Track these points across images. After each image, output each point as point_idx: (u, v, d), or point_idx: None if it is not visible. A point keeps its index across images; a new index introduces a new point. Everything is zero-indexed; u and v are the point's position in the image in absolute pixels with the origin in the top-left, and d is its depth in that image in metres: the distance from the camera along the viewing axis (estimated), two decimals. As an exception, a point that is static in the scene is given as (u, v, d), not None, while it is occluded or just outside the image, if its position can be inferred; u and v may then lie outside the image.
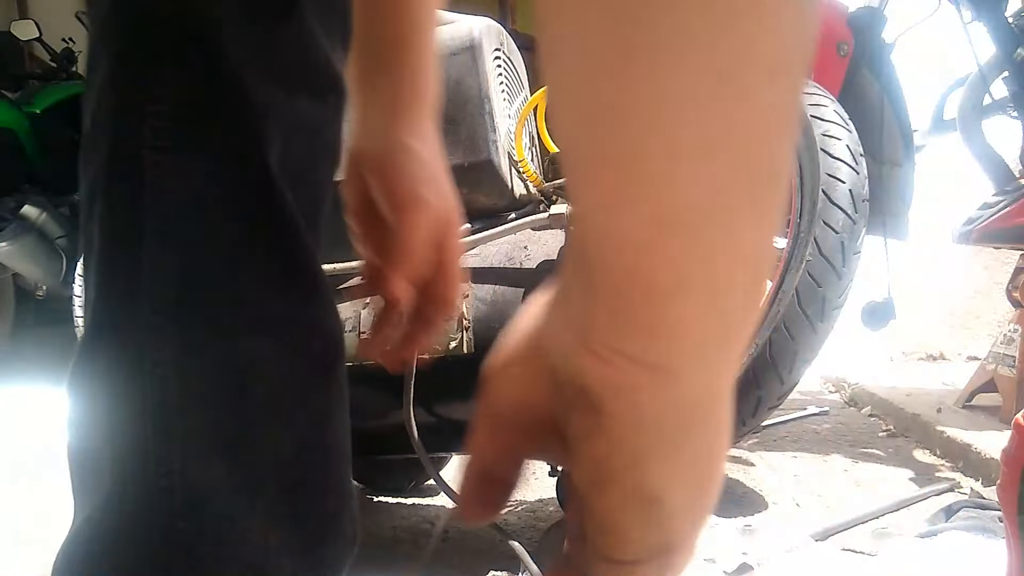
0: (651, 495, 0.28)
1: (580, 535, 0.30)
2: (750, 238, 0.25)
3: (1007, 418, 1.64)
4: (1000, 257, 2.46)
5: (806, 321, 1.33)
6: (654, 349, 0.26)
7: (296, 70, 0.48)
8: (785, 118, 0.24)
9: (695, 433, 0.28)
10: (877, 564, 1.09)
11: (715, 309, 0.25)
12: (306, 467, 0.54)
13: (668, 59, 0.22)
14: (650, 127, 0.22)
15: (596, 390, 0.27)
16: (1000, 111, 1.80)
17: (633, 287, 0.25)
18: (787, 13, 0.22)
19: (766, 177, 0.24)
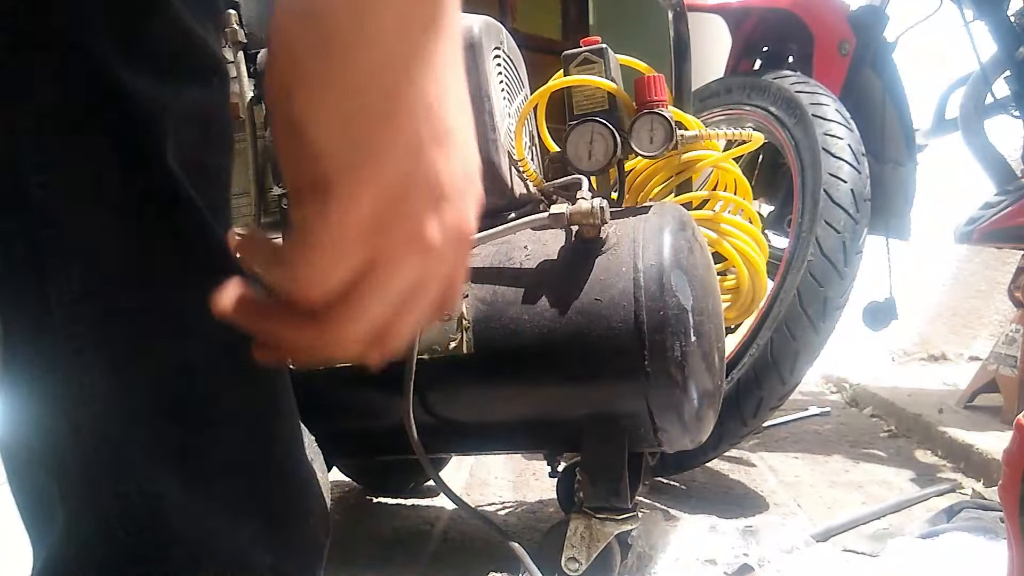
0: (298, 123, 0.32)
1: None
2: None
3: (1009, 418, 1.64)
4: (1002, 257, 2.46)
5: (807, 321, 1.33)
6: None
7: (176, 59, 0.47)
8: None
9: (343, 71, 0.32)
10: (878, 565, 1.09)
11: None
12: (258, 461, 0.55)
13: None
14: None
15: (269, 37, 0.33)
16: (1002, 110, 1.80)
17: None
18: None
19: None
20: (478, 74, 1.04)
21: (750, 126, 1.66)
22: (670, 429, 0.98)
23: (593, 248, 0.97)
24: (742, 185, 1.22)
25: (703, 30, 3.38)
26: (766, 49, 1.79)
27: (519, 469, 1.60)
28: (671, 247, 0.96)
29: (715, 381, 1.02)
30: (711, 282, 1.03)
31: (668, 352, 0.92)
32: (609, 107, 1.05)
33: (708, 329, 0.98)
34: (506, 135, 1.07)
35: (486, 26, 1.08)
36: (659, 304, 0.93)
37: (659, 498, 1.40)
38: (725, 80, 1.77)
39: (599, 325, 0.95)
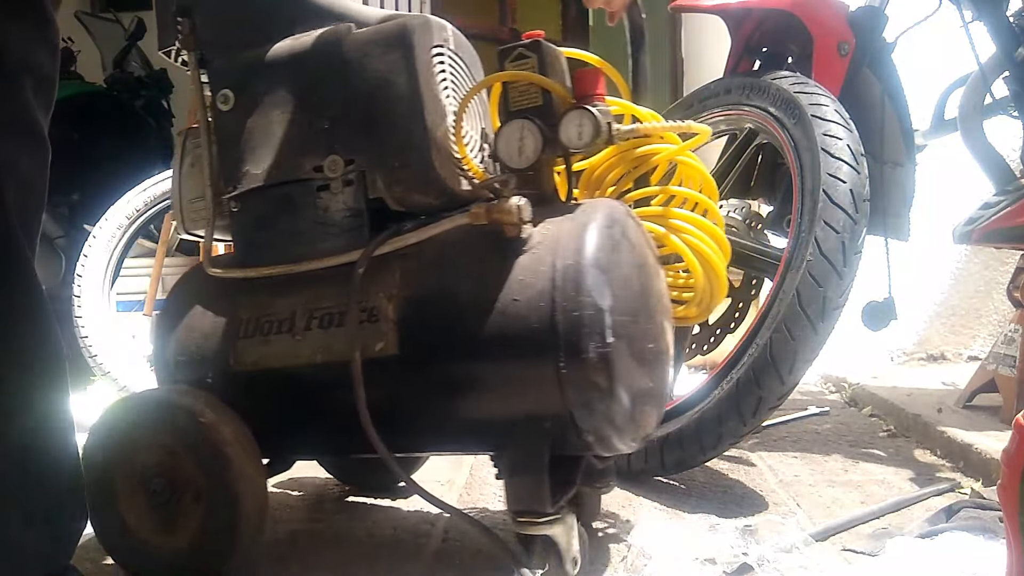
0: None
1: None
2: None
3: (1008, 418, 1.64)
4: (1001, 257, 2.46)
5: (807, 321, 1.33)
6: None
7: None
8: None
9: None
10: (877, 564, 1.09)
11: None
12: (33, 457, 0.79)
13: None
14: None
15: None
16: (1001, 111, 1.80)
17: None
18: None
19: None
20: (410, 74, 1.04)
21: (749, 126, 1.66)
22: (595, 431, 0.97)
23: (515, 247, 0.98)
24: (707, 181, 1.19)
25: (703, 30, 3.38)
26: (765, 50, 1.80)
27: (519, 469, 1.59)
28: (592, 246, 0.95)
29: (649, 381, 1.01)
30: (642, 281, 1.01)
31: (583, 353, 0.92)
32: (544, 103, 1.04)
33: (635, 329, 0.98)
34: (446, 132, 1.07)
35: (424, 25, 1.07)
36: (574, 304, 0.92)
37: (659, 497, 1.40)
38: (724, 81, 1.77)
39: (517, 326, 0.95)
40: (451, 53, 1.12)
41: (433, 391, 1.01)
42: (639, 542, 1.13)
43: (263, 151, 1.11)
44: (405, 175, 1.05)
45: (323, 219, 1.08)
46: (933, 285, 2.56)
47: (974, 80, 1.77)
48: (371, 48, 1.06)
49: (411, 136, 1.04)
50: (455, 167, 1.07)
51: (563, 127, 1.02)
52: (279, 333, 1.08)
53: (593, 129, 1.01)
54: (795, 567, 1.07)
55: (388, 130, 1.05)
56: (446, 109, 1.08)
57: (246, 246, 1.14)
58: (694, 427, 1.39)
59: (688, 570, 1.06)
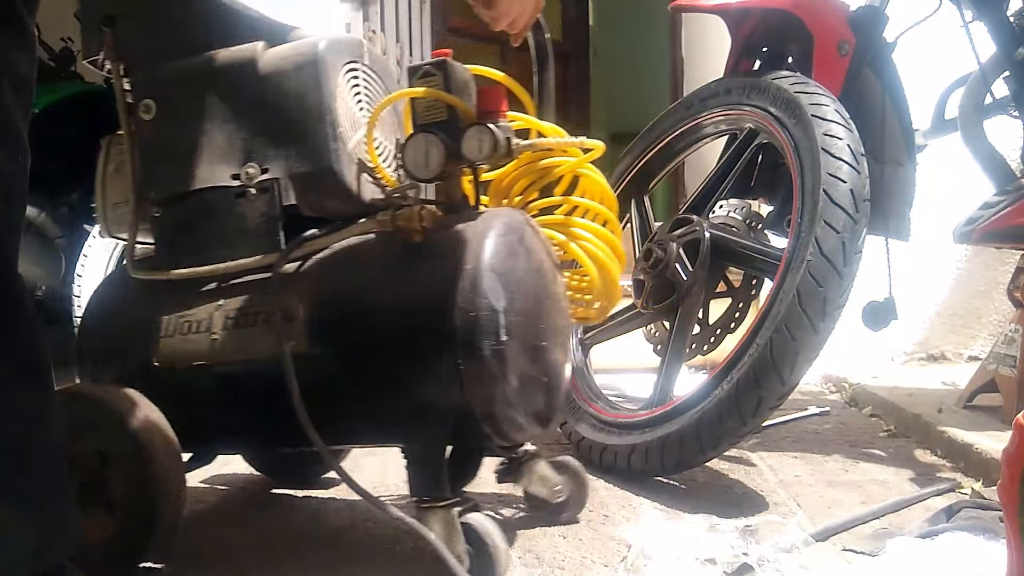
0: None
1: None
2: None
3: (1008, 418, 1.64)
4: (1001, 257, 2.46)
5: (807, 321, 1.33)
6: None
7: None
8: None
9: None
10: (878, 564, 1.09)
11: None
12: (18, 454, 0.79)
13: None
14: None
15: None
16: (1001, 111, 1.80)
17: None
18: None
19: None
20: (321, 88, 1.12)
21: (749, 126, 1.66)
22: (492, 423, 1.05)
23: (419, 252, 1.06)
24: (606, 193, 1.28)
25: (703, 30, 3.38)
26: (766, 50, 1.79)
27: (519, 469, 1.60)
28: (489, 251, 1.03)
29: (544, 376, 1.10)
30: (537, 284, 1.10)
31: (479, 351, 1.00)
32: (449, 118, 1.12)
33: (530, 328, 1.06)
34: (357, 144, 1.15)
35: (335, 44, 1.16)
36: (471, 306, 1.01)
37: (659, 497, 1.40)
38: (725, 81, 1.77)
39: (419, 326, 1.03)
40: (365, 69, 1.21)
41: (342, 388, 1.07)
42: (639, 542, 1.13)
43: (184, 159, 1.17)
44: (317, 183, 1.13)
45: (240, 224, 1.15)
46: (933, 285, 2.56)
47: (974, 80, 1.77)
48: (286, 64, 1.14)
49: (323, 146, 1.11)
50: (367, 175, 1.15)
51: (465, 141, 1.10)
52: (198, 332, 1.15)
53: (492, 143, 1.09)
54: (795, 567, 1.07)
55: (301, 141, 1.13)
56: (360, 121, 1.17)
57: (167, 249, 1.21)
58: (694, 427, 1.39)
59: (688, 570, 1.07)
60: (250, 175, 1.14)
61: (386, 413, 1.08)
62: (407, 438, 1.08)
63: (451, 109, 1.12)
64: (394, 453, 1.11)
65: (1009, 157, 1.96)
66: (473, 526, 1.04)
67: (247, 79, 1.15)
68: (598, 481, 1.50)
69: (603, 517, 1.32)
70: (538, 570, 1.12)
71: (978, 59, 1.72)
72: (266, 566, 1.17)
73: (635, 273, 1.68)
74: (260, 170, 1.14)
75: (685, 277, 1.57)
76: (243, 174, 1.14)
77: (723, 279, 1.71)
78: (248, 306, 1.13)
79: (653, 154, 1.88)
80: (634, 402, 1.83)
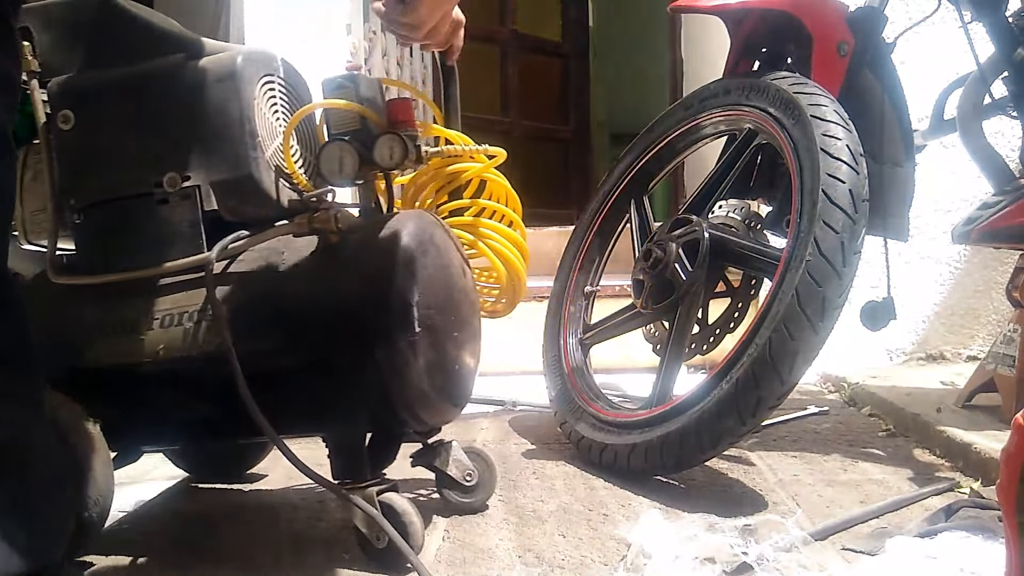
0: None
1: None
2: None
3: (1007, 418, 1.65)
4: (1000, 257, 2.46)
5: (806, 321, 1.33)
6: None
7: None
8: None
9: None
10: (877, 564, 1.10)
11: None
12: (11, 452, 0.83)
13: None
14: None
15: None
16: (1000, 111, 1.80)
17: None
18: None
19: None
20: (239, 100, 1.18)
21: (748, 127, 1.67)
22: (408, 410, 1.14)
23: (335, 252, 1.14)
24: (511, 195, 1.41)
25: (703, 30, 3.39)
26: (765, 50, 1.80)
27: (518, 468, 1.60)
28: (402, 250, 1.11)
29: (455, 364, 1.19)
30: (447, 280, 1.19)
31: (394, 343, 1.08)
32: (361, 127, 1.20)
33: (441, 320, 1.15)
34: (275, 151, 1.22)
35: (252, 58, 1.22)
36: (385, 300, 1.09)
37: (658, 497, 1.40)
38: (724, 81, 1.78)
39: (336, 321, 1.11)
40: (281, 81, 1.28)
41: (265, 383, 1.11)
42: (638, 541, 1.13)
43: (105, 168, 1.23)
44: (237, 189, 1.19)
45: (163, 230, 1.20)
46: (932, 285, 2.57)
47: (973, 80, 1.77)
48: (206, 77, 1.20)
49: (242, 155, 1.18)
50: (284, 181, 1.23)
51: (377, 148, 1.18)
52: (124, 334, 1.19)
53: (403, 150, 1.18)
54: (794, 566, 1.08)
55: (221, 149, 1.19)
56: (277, 131, 1.24)
57: (90, 255, 1.24)
58: (694, 426, 1.39)
59: (688, 569, 1.07)
60: (172, 183, 1.19)
61: (309, 405, 1.14)
62: (329, 427, 1.16)
63: (363, 119, 1.19)
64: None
65: (1008, 157, 1.96)
66: (392, 505, 1.13)
67: (168, 91, 1.21)
68: (598, 480, 1.50)
69: (603, 516, 1.33)
70: (537, 569, 1.13)
71: (977, 60, 1.72)
72: (267, 565, 1.17)
73: (635, 273, 1.69)
74: (181, 178, 1.19)
75: (684, 277, 1.57)
76: (165, 182, 1.19)
77: (722, 279, 1.72)
78: (173, 307, 1.18)
79: (653, 154, 1.89)
80: (634, 401, 1.84)
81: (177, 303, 1.18)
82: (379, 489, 1.14)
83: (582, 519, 1.32)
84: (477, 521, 1.32)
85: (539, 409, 2.10)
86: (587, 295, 1.94)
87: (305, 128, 1.32)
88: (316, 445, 1.20)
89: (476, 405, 2.21)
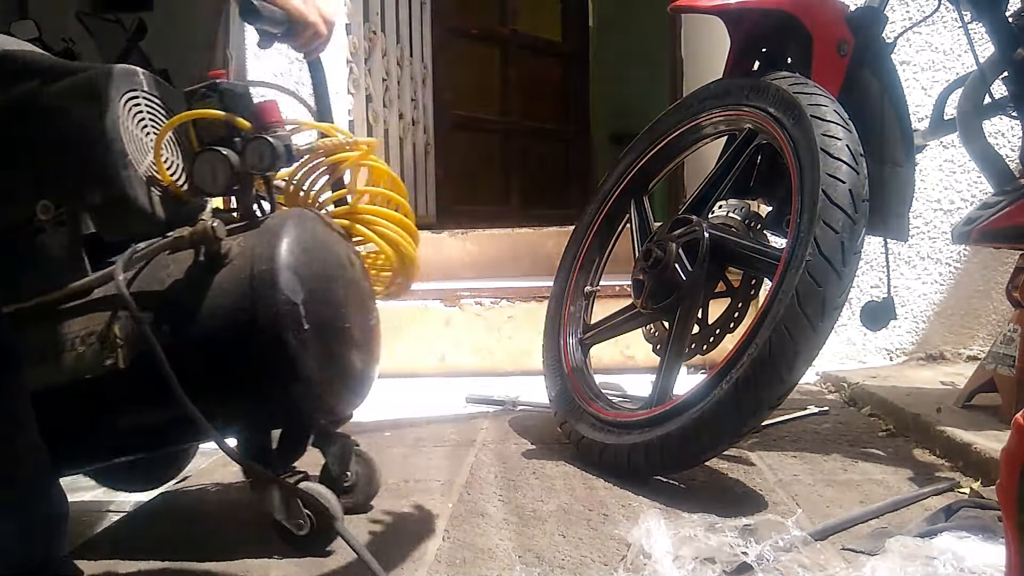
0: None
1: None
2: None
3: (1007, 418, 1.64)
4: (1000, 257, 2.46)
5: (806, 321, 1.33)
6: None
7: None
8: None
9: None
10: (877, 563, 1.09)
11: None
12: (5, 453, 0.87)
13: None
14: None
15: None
16: (1000, 111, 1.80)
17: None
18: None
19: None
20: (103, 120, 1.18)
21: (748, 127, 1.67)
22: (308, 404, 1.17)
23: (218, 261, 1.15)
24: (394, 180, 1.42)
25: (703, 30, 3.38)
26: (765, 50, 1.80)
27: (518, 468, 1.60)
28: (283, 251, 1.13)
29: (351, 354, 1.22)
30: (332, 272, 1.21)
31: (285, 342, 1.11)
32: (229, 134, 1.21)
33: (331, 313, 1.18)
34: (148, 166, 1.23)
35: (111, 75, 1.22)
36: (272, 302, 1.11)
37: (658, 497, 1.40)
38: (724, 81, 1.78)
39: (226, 326, 1.12)
40: (146, 96, 1.28)
41: (165, 396, 1.11)
42: (639, 541, 1.13)
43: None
44: (113, 210, 1.20)
45: (43, 259, 1.20)
46: (932, 285, 2.57)
47: (973, 80, 1.77)
48: (67, 100, 1.20)
49: (114, 175, 1.18)
50: (161, 196, 1.23)
51: (247, 154, 1.20)
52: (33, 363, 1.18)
53: (272, 152, 1.19)
54: (794, 566, 1.08)
55: (92, 172, 1.19)
56: (148, 146, 1.25)
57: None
58: (694, 426, 1.39)
59: (688, 569, 1.07)
60: (45, 211, 1.18)
61: (213, 409, 1.14)
62: (236, 428, 1.19)
63: (230, 125, 1.21)
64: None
65: (1008, 157, 1.96)
66: (311, 492, 1.16)
67: (31, 118, 1.20)
68: (598, 480, 1.50)
69: (603, 516, 1.33)
70: (537, 569, 1.13)
71: (977, 59, 1.72)
72: (266, 565, 1.17)
73: (635, 273, 1.69)
74: (55, 205, 1.19)
75: (684, 277, 1.57)
76: (38, 211, 1.18)
77: (722, 279, 1.72)
78: (63, 333, 1.18)
79: (653, 154, 1.89)
80: (634, 401, 1.84)
81: (68, 328, 1.18)
82: (296, 479, 1.19)
83: (582, 519, 1.32)
84: (477, 521, 1.32)
85: (539, 409, 2.10)
86: (587, 295, 1.94)
87: (184, 139, 1.31)
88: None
89: (476, 405, 2.21)
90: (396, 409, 2.17)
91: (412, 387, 2.54)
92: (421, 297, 2.75)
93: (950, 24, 2.47)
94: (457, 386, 2.44)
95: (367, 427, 1.96)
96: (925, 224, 2.55)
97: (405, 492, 1.49)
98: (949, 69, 2.48)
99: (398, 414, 2.12)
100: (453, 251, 3.21)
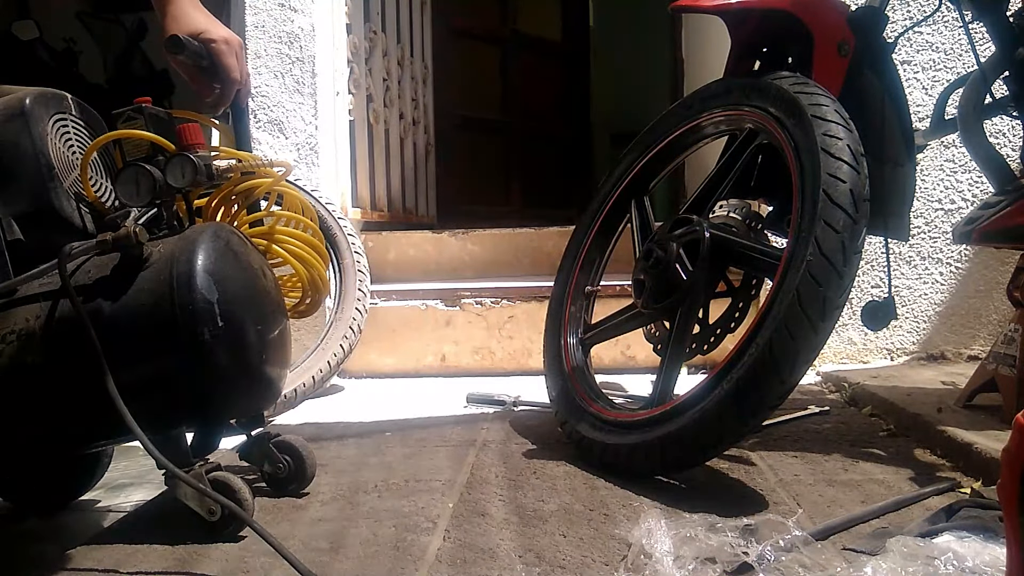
0: None
1: None
2: None
3: (1008, 418, 1.65)
4: (1001, 257, 2.47)
5: (807, 321, 1.33)
6: None
7: None
8: None
9: None
10: (877, 563, 1.09)
11: None
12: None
13: None
14: None
15: None
16: (1001, 111, 1.80)
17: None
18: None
19: None
20: (31, 136, 1.29)
21: (749, 127, 1.67)
22: (223, 400, 1.26)
23: (139, 265, 1.23)
24: (306, 205, 1.61)
25: (703, 30, 3.38)
26: (765, 50, 1.80)
27: (519, 468, 1.60)
28: (200, 257, 1.22)
29: (262, 355, 1.29)
30: (247, 279, 1.30)
31: (200, 337, 1.19)
32: (152, 153, 1.33)
33: (244, 314, 1.26)
34: (74, 181, 1.34)
35: (40, 98, 1.33)
36: (189, 301, 1.19)
37: (659, 497, 1.40)
38: (725, 81, 1.78)
39: (147, 325, 1.20)
40: (73, 118, 1.40)
41: (87, 393, 1.18)
42: (639, 541, 1.13)
43: None
44: (39, 220, 1.30)
45: None
46: (933, 285, 2.57)
47: (974, 80, 1.77)
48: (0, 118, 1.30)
49: (41, 187, 1.29)
50: (86, 208, 1.34)
51: (169, 170, 1.31)
52: None
53: (193, 170, 1.31)
54: (795, 566, 1.08)
55: (19, 184, 1.29)
56: (74, 163, 1.36)
57: None
58: (694, 426, 1.39)
59: (689, 569, 1.07)
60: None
61: (131, 404, 1.19)
62: (151, 423, 1.22)
63: (153, 145, 1.33)
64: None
65: (1009, 157, 1.96)
66: (222, 481, 1.25)
67: None
68: (599, 480, 1.50)
69: (603, 516, 1.33)
70: (538, 569, 1.13)
71: (978, 59, 1.72)
72: (266, 564, 1.17)
73: (635, 273, 1.69)
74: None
75: (685, 277, 1.57)
76: None
77: (723, 279, 1.72)
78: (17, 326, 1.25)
79: (653, 154, 1.89)
80: (634, 401, 1.84)
81: (3, 326, 1.24)
82: (207, 469, 1.27)
83: (583, 519, 1.32)
84: (478, 521, 1.32)
85: (540, 409, 2.10)
86: (588, 295, 1.94)
87: (108, 159, 1.43)
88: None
89: (477, 405, 2.22)
90: (397, 409, 2.17)
91: (413, 387, 2.54)
92: (422, 297, 2.76)
93: (951, 24, 2.47)
94: (458, 386, 2.44)
95: (368, 427, 1.97)
96: (926, 224, 2.55)
97: (406, 492, 1.49)
98: (950, 69, 2.48)
99: (399, 414, 2.12)
100: (453, 251, 3.22)
